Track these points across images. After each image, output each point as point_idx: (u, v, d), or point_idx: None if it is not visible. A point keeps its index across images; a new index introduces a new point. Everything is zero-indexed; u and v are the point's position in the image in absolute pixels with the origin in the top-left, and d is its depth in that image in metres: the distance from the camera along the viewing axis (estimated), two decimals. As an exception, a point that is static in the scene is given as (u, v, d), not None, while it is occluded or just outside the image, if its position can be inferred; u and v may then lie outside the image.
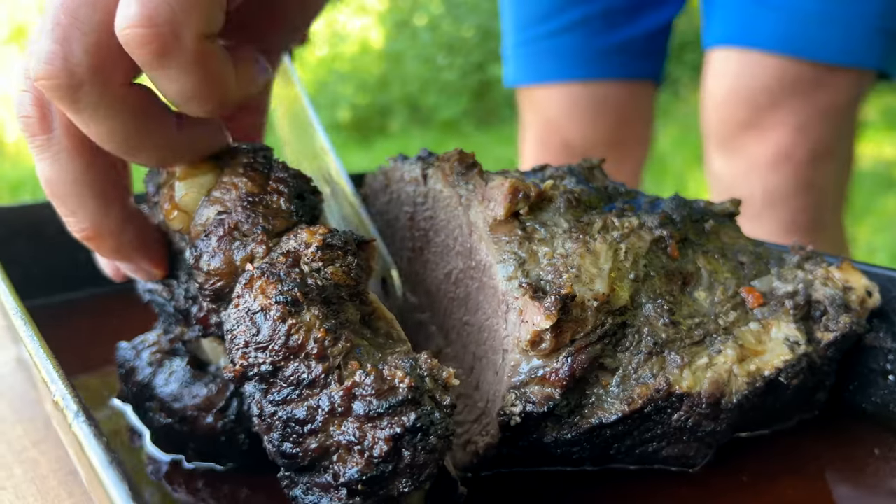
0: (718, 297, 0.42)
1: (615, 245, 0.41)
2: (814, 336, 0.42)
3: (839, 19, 0.97)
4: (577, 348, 0.38)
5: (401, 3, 5.84)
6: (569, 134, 1.26)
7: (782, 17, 0.98)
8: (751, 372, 0.39)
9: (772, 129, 1.03)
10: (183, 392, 0.42)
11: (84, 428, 0.30)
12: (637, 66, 1.24)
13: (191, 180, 0.40)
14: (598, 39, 1.20)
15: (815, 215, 1.06)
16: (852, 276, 0.44)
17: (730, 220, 0.48)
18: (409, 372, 0.31)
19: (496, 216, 0.41)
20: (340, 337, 0.32)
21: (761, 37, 1.00)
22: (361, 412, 0.30)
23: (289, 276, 0.33)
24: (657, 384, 0.38)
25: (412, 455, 0.31)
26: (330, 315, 0.33)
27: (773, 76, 1.00)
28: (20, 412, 0.54)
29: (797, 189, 1.04)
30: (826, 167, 1.05)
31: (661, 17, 1.23)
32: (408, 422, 0.30)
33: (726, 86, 1.05)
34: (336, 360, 0.32)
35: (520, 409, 0.38)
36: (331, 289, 0.34)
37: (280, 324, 0.31)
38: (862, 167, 3.58)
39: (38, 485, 0.46)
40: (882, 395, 0.47)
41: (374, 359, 0.32)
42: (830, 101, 1.01)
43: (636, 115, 1.28)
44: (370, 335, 0.35)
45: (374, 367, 0.31)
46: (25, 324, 0.39)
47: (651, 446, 0.40)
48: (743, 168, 1.07)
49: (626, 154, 1.28)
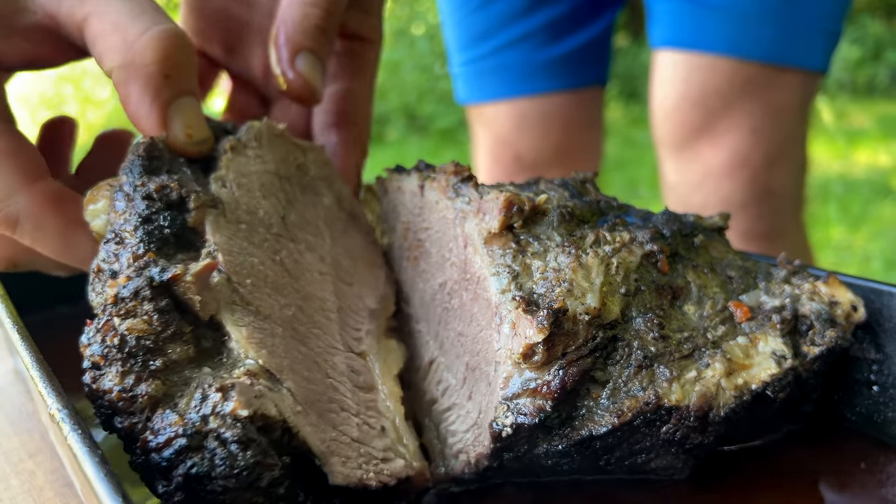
0: (707, 311, 0.42)
1: (607, 259, 0.41)
2: (800, 350, 0.42)
3: (781, 20, 0.97)
4: (568, 361, 0.38)
5: (398, 13, 5.87)
6: (519, 148, 1.25)
7: (724, 18, 0.98)
8: (738, 385, 0.40)
9: (726, 133, 1.02)
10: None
11: (79, 441, 0.31)
12: (583, 74, 1.24)
13: (92, 209, 0.42)
14: (542, 52, 1.20)
15: (774, 222, 1.06)
16: (838, 291, 0.45)
17: (718, 234, 0.49)
18: (182, 414, 0.33)
19: (490, 229, 0.42)
20: (137, 394, 0.34)
21: (706, 39, 1.00)
22: (155, 463, 0.33)
23: (94, 337, 0.36)
24: (646, 397, 0.38)
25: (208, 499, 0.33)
26: (133, 369, 0.35)
27: (723, 79, 1.00)
28: (17, 424, 0.54)
29: (754, 196, 1.04)
30: (782, 172, 1.05)
31: (604, 20, 1.22)
32: (181, 473, 0.32)
33: (677, 91, 1.04)
34: (142, 415, 0.34)
35: (511, 421, 0.39)
36: (133, 342, 0.35)
37: (92, 384, 0.35)
38: (857, 175, 3.59)
39: (35, 496, 0.46)
40: (867, 405, 0.47)
41: (185, 400, 0.34)
42: (782, 101, 1.02)
43: (585, 122, 1.27)
44: (193, 369, 0.35)
45: (180, 415, 0.34)
46: (22, 337, 0.40)
47: (640, 458, 0.41)
48: (698, 176, 1.06)
49: (578, 163, 1.27)
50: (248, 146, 0.46)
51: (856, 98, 5.16)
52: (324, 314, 0.44)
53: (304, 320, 0.42)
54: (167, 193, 0.39)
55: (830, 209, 3.08)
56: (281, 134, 0.50)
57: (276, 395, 0.35)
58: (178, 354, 0.36)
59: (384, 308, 0.50)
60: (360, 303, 0.48)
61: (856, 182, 3.45)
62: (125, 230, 0.38)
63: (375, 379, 0.44)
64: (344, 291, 0.47)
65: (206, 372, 0.35)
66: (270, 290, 0.40)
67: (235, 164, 0.44)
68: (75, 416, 0.32)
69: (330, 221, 0.50)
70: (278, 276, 0.42)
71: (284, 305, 0.41)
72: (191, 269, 0.37)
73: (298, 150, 0.51)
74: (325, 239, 0.48)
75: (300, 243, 0.45)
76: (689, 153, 1.06)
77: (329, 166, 0.54)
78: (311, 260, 0.45)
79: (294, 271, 0.43)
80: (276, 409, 0.34)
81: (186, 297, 0.36)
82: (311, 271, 0.45)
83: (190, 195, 0.40)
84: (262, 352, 0.37)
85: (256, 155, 0.46)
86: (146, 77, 0.42)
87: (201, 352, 0.37)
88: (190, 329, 0.36)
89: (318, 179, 0.52)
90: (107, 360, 0.35)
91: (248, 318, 0.38)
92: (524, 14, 1.18)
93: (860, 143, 4.07)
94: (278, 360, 0.37)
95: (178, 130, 0.43)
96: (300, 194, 0.48)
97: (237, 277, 0.39)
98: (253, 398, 0.34)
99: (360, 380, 0.43)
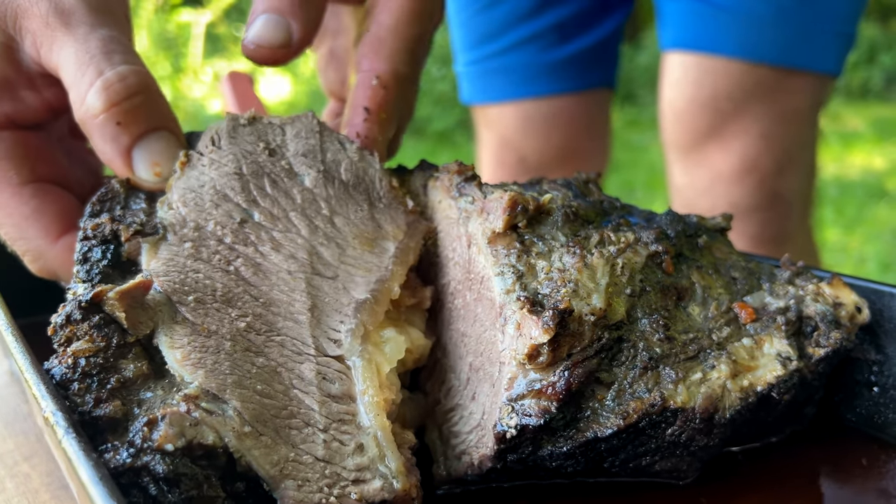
0: (712, 313, 0.42)
1: (612, 260, 0.41)
2: (805, 352, 0.42)
3: (795, 22, 0.96)
4: (573, 362, 0.38)
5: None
6: (524, 150, 1.24)
7: (736, 20, 0.97)
8: (744, 387, 0.39)
9: (735, 138, 1.01)
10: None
11: (74, 444, 0.30)
12: (590, 76, 1.22)
13: None
14: (550, 54, 1.19)
15: (783, 227, 1.05)
16: (842, 292, 0.45)
17: (721, 234, 0.49)
18: (118, 448, 0.33)
19: (495, 229, 0.42)
20: (98, 416, 0.35)
21: (718, 41, 0.99)
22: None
23: (57, 359, 0.37)
24: (652, 399, 0.38)
25: None
26: (91, 388, 0.35)
27: (735, 82, 0.99)
28: (11, 426, 0.54)
29: (763, 201, 1.02)
30: (791, 177, 1.04)
31: (613, 22, 1.21)
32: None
33: (687, 94, 1.03)
34: (102, 438, 0.34)
35: (516, 422, 0.38)
36: (83, 363, 0.36)
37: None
38: (852, 177, 3.61)
39: (30, 499, 0.45)
40: (867, 406, 0.47)
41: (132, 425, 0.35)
42: (793, 106, 1.01)
43: (591, 125, 1.26)
44: (147, 389, 0.36)
45: (115, 449, 0.34)
46: (16, 340, 0.39)
47: (644, 460, 0.40)
48: (706, 180, 1.05)
49: (583, 165, 1.25)
50: (203, 154, 0.46)
51: (850, 101, 5.19)
52: (291, 318, 0.41)
53: (263, 328, 0.40)
54: (101, 230, 0.41)
55: (825, 211, 3.10)
56: (249, 121, 0.48)
57: (216, 419, 0.35)
58: (133, 371, 0.36)
59: (382, 293, 0.44)
60: (345, 296, 0.43)
61: (850, 184, 3.47)
62: (74, 272, 0.41)
63: (354, 386, 0.40)
64: (321, 287, 0.43)
65: (158, 393, 0.36)
66: (220, 303, 0.40)
67: (184, 181, 0.44)
68: (70, 419, 0.32)
69: (310, 205, 0.46)
70: (230, 286, 0.41)
71: (237, 317, 0.40)
72: (116, 287, 0.38)
73: (277, 130, 0.49)
74: (301, 231, 0.45)
75: (264, 245, 0.43)
76: (697, 156, 1.05)
77: (317, 133, 0.49)
78: (278, 260, 0.43)
79: (252, 279, 0.42)
80: (216, 435, 0.34)
81: (115, 314, 0.37)
82: (276, 273, 0.43)
83: (119, 229, 0.41)
84: (199, 372, 0.36)
85: (211, 161, 0.46)
86: (100, 128, 0.43)
87: (156, 369, 0.37)
88: (134, 340, 0.37)
89: (300, 156, 0.48)
90: (69, 381, 0.36)
91: (188, 338, 0.37)
92: (531, 15, 1.17)
93: (855, 145, 4.09)
94: (221, 379, 0.36)
95: (143, 172, 0.44)
96: (269, 187, 0.46)
97: (177, 297, 0.39)
98: (187, 427, 0.33)
99: (334, 388, 0.40)
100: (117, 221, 0.42)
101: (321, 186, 0.47)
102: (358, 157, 0.49)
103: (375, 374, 0.41)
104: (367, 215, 0.47)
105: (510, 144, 1.25)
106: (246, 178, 0.46)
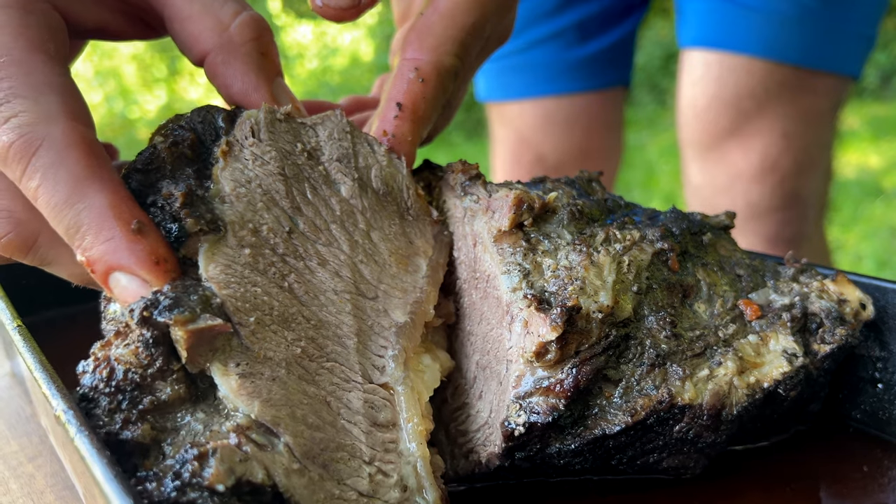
0: (718, 310, 0.42)
1: (618, 257, 0.41)
2: (811, 348, 0.42)
3: (819, 23, 0.96)
4: (581, 359, 0.38)
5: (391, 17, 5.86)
6: (542, 148, 1.23)
7: (760, 19, 0.97)
8: (750, 384, 0.40)
9: (756, 137, 1.01)
10: None
11: (86, 443, 0.30)
12: (609, 74, 1.22)
13: None
14: (570, 52, 1.18)
15: (800, 227, 1.05)
16: (847, 289, 0.45)
17: (725, 232, 0.49)
18: (161, 478, 0.31)
19: (500, 227, 0.42)
20: (125, 440, 0.33)
21: (742, 40, 0.98)
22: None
23: (93, 363, 0.34)
24: (660, 396, 0.38)
25: None
26: (122, 406, 0.33)
27: (759, 81, 0.98)
28: (15, 428, 0.54)
29: (782, 201, 1.02)
30: (811, 177, 1.04)
31: (632, 21, 1.21)
32: None
33: (709, 92, 1.02)
34: (129, 463, 0.32)
35: (524, 420, 0.38)
36: (120, 375, 0.33)
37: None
38: (847, 176, 3.62)
39: (35, 499, 0.45)
40: (871, 402, 0.47)
41: (171, 451, 0.32)
42: (814, 106, 1.00)
43: (608, 123, 1.26)
44: (186, 412, 0.33)
45: (159, 480, 0.31)
46: (24, 339, 0.39)
47: (652, 457, 0.41)
48: (725, 179, 1.04)
49: (599, 163, 1.25)
50: (243, 146, 0.40)
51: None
52: (339, 342, 0.38)
53: (316, 354, 0.37)
54: (172, 203, 0.36)
55: (822, 210, 3.11)
56: (285, 117, 0.42)
57: (266, 455, 0.32)
58: (169, 395, 0.33)
59: (419, 315, 0.42)
60: (385, 319, 0.41)
61: (847, 183, 3.48)
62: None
63: (399, 414, 0.38)
64: (365, 309, 0.40)
65: (199, 418, 0.33)
66: (277, 325, 0.36)
67: (229, 172, 0.38)
68: (82, 417, 0.32)
69: (348, 217, 0.42)
70: (287, 305, 0.37)
71: (293, 341, 0.36)
72: (189, 326, 0.33)
73: (310, 131, 0.43)
74: (342, 246, 0.41)
75: (311, 259, 0.39)
76: (717, 155, 1.04)
77: (349, 134, 0.44)
78: (324, 278, 0.39)
79: (304, 297, 0.38)
80: (265, 473, 0.32)
81: (176, 345, 0.33)
82: (324, 292, 0.39)
83: (184, 217, 0.36)
84: (255, 403, 0.33)
85: (254, 156, 0.40)
86: (247, 55, 0.42)
87: (196, 393, 0.34)
88: (179, 367, 0.33)
89: (335, 161, 0.43)
90: (96, 393, 0.33)
91: (243, 366, 0.34)
92: (553, 13, 1.16)
93: (850, 144, 4.11)
94: (275, 411, 0.34)
95: (285, 101, 0.43)
96: (310, 194, 0.41)
97: (239, 317, 0.35)
98: (237, 463, 0.31)
99: (380, 417, 0.38)
100: (186, 206, 0.36)
101: (357, 197, 0.43)
102: (387, 161, 0.45)
103: (417, 402, 0.39)
104: (399, 230, 0.44)
105: (528, 142, 1.24)
106: (290, 182, 0.41)
